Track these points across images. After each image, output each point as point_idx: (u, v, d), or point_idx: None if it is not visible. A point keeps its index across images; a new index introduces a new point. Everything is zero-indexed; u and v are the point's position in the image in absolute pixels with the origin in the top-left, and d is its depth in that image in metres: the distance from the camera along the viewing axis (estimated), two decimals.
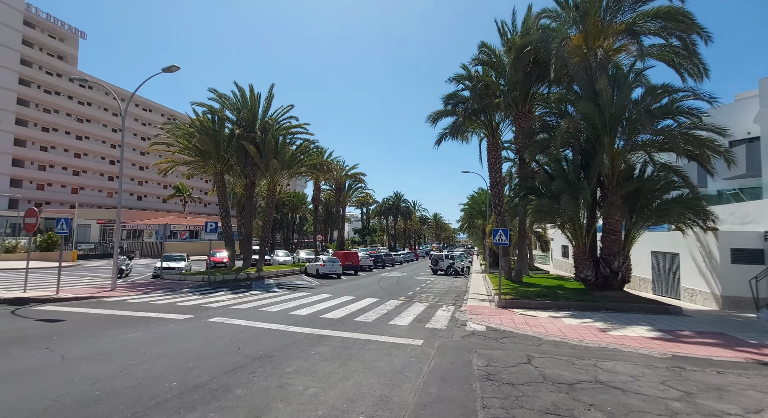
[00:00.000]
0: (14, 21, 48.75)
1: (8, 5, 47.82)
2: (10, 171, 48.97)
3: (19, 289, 12.52)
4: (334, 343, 6.98)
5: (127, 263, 20.67)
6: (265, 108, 22.30)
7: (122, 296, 12.26)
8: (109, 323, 8.23)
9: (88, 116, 59.78)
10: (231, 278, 18.15)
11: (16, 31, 49.04)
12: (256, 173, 22.14)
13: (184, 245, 40.40)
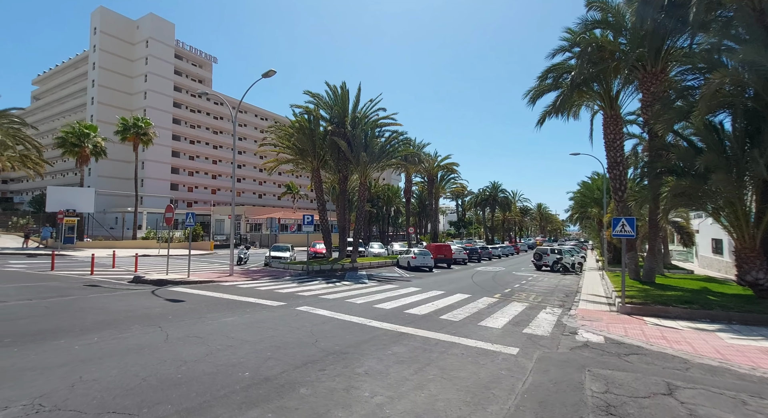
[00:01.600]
0: (168, 56, 60.56)
1: (165, 44, 59.66)
2: (169, 177, 61.29)
3: (163, 272, 15.16)
4: (413, 343, 6.36)
5: (245, 252, 23.59)
6: (355, 103, 22.81)
7: (235, 282, 13.80)
8: (216, 305, 9.14)
9: (220, 128, 71.00)
10: (327, 268, 19.11)
11: (170, 64, 60.83)
12: (348, 167, 22.87)
13: (293, 236, 44.81)
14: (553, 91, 17.44)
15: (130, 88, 59.68)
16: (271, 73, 15.35)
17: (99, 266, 16.42)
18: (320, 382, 4.45)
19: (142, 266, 17.81)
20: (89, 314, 7.63)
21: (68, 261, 19.40)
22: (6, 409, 3.43)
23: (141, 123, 33.39)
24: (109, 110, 55.54)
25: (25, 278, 12.70)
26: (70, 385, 4.02)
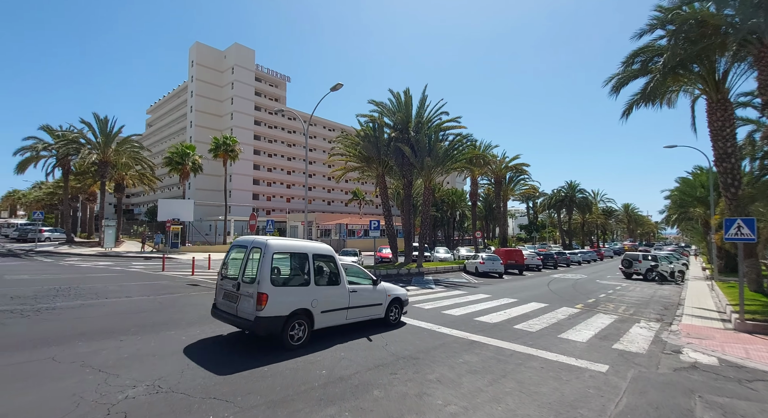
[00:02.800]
0: (250, 80, 67.41)
1: (247, 69, 66.64)
2: (251, 188, 67.74)
3: None
4: (486, 352, 6.12)
5: None
6: (418, 109, 22.92)
7: None
8: None
9: (293, 141, 76.65)
10: (393, 272, 19.35)
11: (251, 86, 67.65)
12: (413, 172, 22.99)
13: (359, 241, 46.24)
14: (641, 77, 15.58)
15: (219, 110, 67.56)
16: (338, 86, 16.17)
17: (198, 267, 18.73)
18: (392, 386, 4.52)
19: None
20: (192, 310, 8.75)
21: (174, 263, 22.47)
22: (135, 387, 4.09)
23: (229, 141, 37.56)
24: (203, 131, 63.46)
25: (143, 277, 15.02)
26: (179, 371, 4.66)
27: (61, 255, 25.88)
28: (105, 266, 19.50)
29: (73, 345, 5.50)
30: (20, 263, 19.08)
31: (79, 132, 33.52)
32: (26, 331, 6.24)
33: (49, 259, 22.46)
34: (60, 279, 13.18)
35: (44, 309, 7.97)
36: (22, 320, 6.99)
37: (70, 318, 7.32)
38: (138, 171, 39.04)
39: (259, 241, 6.20)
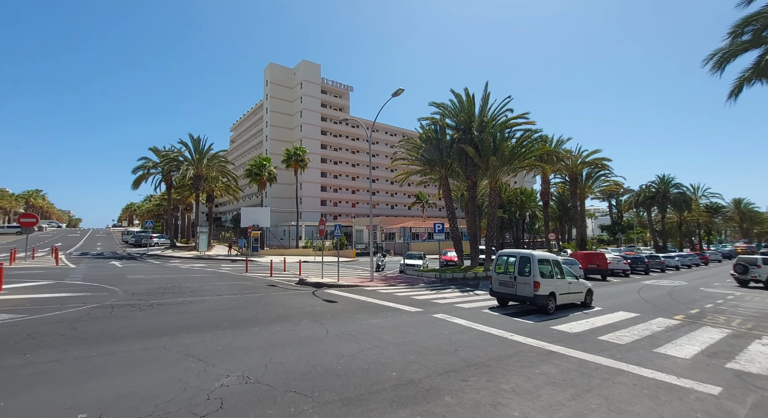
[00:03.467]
0: (316, 92, 71.68)
1: (313, 83, 71.04)
2: (319, 195, 71.62)
3: (318, 276, 17.70)
4: (566, 364, 5.66)
5: (382, 259, 25.48)
6: (481, 107, 22.19)
7: (376, 287, 15.02)
8: (362, 308, 10.13)
9: (357, 148, 79.40)
10: (459, 276, 18.88)
11: (317, 98, 71.86)
12: (477, 173, 22.28)
13: (423, 244, 45.99)
14: (753, 50, 13.23)
15: (290, 123, 72.80)
16: (399, 92, 16.38)
17: (275, 269, 20.31)
18: (464, 392, 4.41)
19: (303, 270, 21.18)
20: (272, 309, 9.52)
21: (255, 265, 24.68)
22: (228, 377, 4.59)
23: (299, 152, 40.28)
24: (277, 144, 68.85)
25: (231, 278, 16.75)
26: (264, 364, 5.10)
27: (166, 258, 29.91)
28: (200, 267, 22.11)
29: (179, 336, 6.34)
30: (137, 265, 22.50)
31: (178, 151, 38.64)
32: (144, 323, 7.36)
33: (157, 261, 26.14)
34: (166, 279, 15.29)
35: (155, 304, 9.33)
36: (140, 313, 8.27)
37: (175, 313, 8.45)
38: (224, 183, 43.69)
39: (526, 253, 10.53)
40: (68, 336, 6.15)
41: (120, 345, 5.73)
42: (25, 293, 10.36)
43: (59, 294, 10.34)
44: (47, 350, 5.36)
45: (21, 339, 5.84)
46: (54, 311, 8.04)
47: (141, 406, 3.67)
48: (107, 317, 7.69)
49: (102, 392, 3.97)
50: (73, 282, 13.07)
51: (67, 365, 4.76)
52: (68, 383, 4.19)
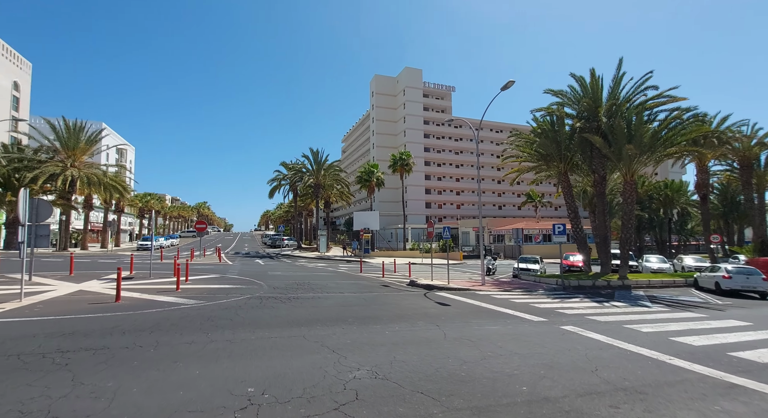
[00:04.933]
0: (418, 97, 73.05)
1: (416, 88, 72.63)
2: (423, 197, 72.45)
3: (428, 279, 17.82)
4: (760, 404, 4.40)
5: (493, 263, 24.24)
6: (611, 89, 19.25)
7: (489, 291, 14.35)
8: (478, 313, 9.78)
9: (460, 149, 77.86)
10: (587, 284, 16.63)
11: (419, 103, 73.14)
12: (606, 166, 19.38)
13: (538, 247, 42.11)
14: None
15: (394, 130, 75.70)
16: (510, 84, 15.41)
17: (386, 270, 21.28)
18: None
19: (412, 271, 21.65)
20: (389, 308, 9.96)
21: (368, 266, 26.30)
22: (359, 370, 4.94)
23: (404, 156, 41.55)
24: (383, 151, 72.35)
25: (349, 277, 18.20)
26: (389, 362, 5.34)
27: (295, 258, 34.20)
28: (322, 267, 24.63)
29: (314, 328, 7.14)
30: (274, 263, 26.32)
31: (302, 164, 44.01)
32: (286, 313, 8.53)
33: (288, 260, 30.11)
34: (297, 276, 17.48)
35: (293, 298, 10.73)
36: (282, 305, 9.62)
37: (309, 306, 9.57)
38: (338, 190, 47.89)
39: None
40: (234, 320, 7.54)
41: (271, 331, 6.74)
42: (202, 283, 13.14)
43: (224, 285, 12.81)
44: (222, 331, 6.66)
45: (204, 321, 7.39)
46: (222, 299, 9.97)
47: (293, 387, 4.22)
48: (259, 307, 9.16)
49: (264, 370, 4.72)
50: (232, 276, 16.02)
51: (237, 345, 5.82)
52: (239, 360, 5.11)
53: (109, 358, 4.92)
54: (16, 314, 7.39)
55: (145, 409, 3.52)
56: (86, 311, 7.91)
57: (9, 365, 4.51)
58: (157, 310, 8.22)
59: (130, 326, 6.65)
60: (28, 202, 9.60)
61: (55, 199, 32.34)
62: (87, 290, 10.64)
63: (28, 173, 30.24)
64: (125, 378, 4.25)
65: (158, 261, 22.71)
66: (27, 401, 3.56)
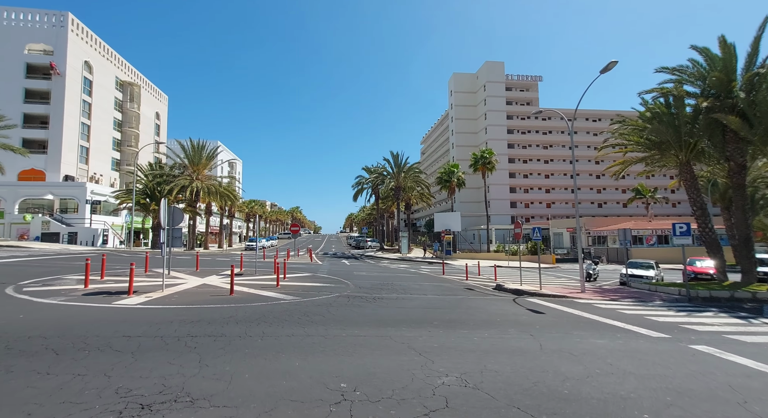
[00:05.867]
0: (500, 91, 69.38)
1: (497, 83, 69.16)
2: (508, 196, 68.36)
3: (518, 282, 16.67)
4: None
5: (593, 267, 21.63)
6: (749, 56, 15.67)
7: (590, 300, 12.80)
8: (578, 323, 8.78)
9: (550, 142, 71.67)
10: (723, 295, 13.69)
11: (502, 97, 69.40)
12: (745, 151, 15.80)
13: (652, 251, 36.30)
14: None
15: (474, 128, 73.14)
16: (612, 65, 13.63)
17: (469, 273, 20.55)
18: None
19: (498, 275, 20.52)
20: (475, 312, 9.57)
21: (450, 268, 25.77)
22: (447, 376, 4.81)
23: (486, 154, 39.80)
24: (463, 150, 70.46)
25: (431, 279, 18.06)
26: (479, 370, 5.09)
27: (378, 259, 35.24)
28: (404, 268, 24.91)
29: (400, 329, 7.21)
30: (358, 264, 27.50)
31: (383, 167, 45.28)
32: (372, 313, 8.80)
33: (371, 261, 31.17)
34: (381, 276, 17.95)
35: (378, 298, 11.04)
36: (368, 304, 9.96)
37: (393, 307, 9.73)
38: (418, 191, 48.04)
39: None
40: (326, 317, 8.04)
41: (360, 330, 7.01)
42: (297, 281, 14.36)
43: (316, 284, 13.80)
44: (316, 326, 7.15)
45: (301, 316, 8.04)
46: (314, 297, 10.74)
47: (383, 387, 4.29)
48: (347, 305, 9.63)
49: (355, 367, 4.91)
50: (322, 275, 17.19)
51: (330, 340, 6.18)
52: (333, 355, 5.41)
53: (226, 344, 5.65)
54: (159, 302, 9.00)
55: (256, 393, 3.94)
56: (208, 301, 9.25)
57: (156, 345, 5.49)
58: (262, 304, 9.21)
59: (241, 317, 7.56)
60: (166, 209, 11.66)
61: (184, 206, 38.83)
62: (209, 283, 12.46)
63: (166, 186, 36.92)
64: (239, 364, 4.83)
65: (261, 260, 25.57)
66: (168, 377, 4.27)
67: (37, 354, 4.83)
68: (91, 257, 13.18)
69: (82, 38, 49.52)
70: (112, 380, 4.10)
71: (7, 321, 6.50)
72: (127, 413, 3.36)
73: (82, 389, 3.81)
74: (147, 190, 39.25)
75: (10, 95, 44.90)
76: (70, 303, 8.32)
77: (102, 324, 6.55)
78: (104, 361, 4.68)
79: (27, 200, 42.68)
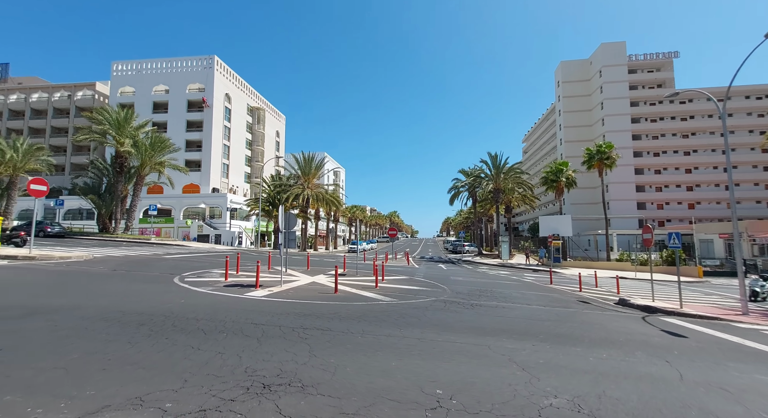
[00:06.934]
0: (621, 76, 60.44)
1: (617, 66, 60.51)
2: (634, 196, 58.59)
3: (648, 298, 14.09)
4: None
5: (762, 284, 16.93)
6: None
7: (756, 325, 10.04)
8: (735, 352, 6.99)
9: (692, 130, 59.31)
10: None
11: (623, 82, 60.37)
12: None
13: None
14: None
15: (588, 120, 64.98)
16: None
17: (584, 284, 18.21)
18: None
19: (622, 288, 17.71)
20: (590, 328, 8.43)
21: (559, 277, 23.24)
22: (556, 397, 4.34)
23: (603, 149, 34.90)
24: (573, 146, 63.25)
25: (536, 288, 16.59)
26: (596, 395, 4.46)
27: (476, 264, 33.97)
28: (505, 275, 23.45)
29: (501, 339, 6.81)
30: (455, 268, 26.95)
31: (480, 169, 43.66)
32: (470, 320, 8.52)
33: (469, 266, 30.17)
34: (479, 282, 17.25)
35: (475, 305, 10.63)
36: (465, 310, 9.67)
37: (493, 315, 9.24)
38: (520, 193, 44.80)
39: None
40: (421, 320, 8.09)
41: (456, 336, 6.85)
42: (394, 283, 14.81)
43: (412, 287, 14.01)
44: (412, 328, 7.26)
45: (398, 317, 8.26)
46: (411, 299, 10.91)
47: (481, 399, 4.11)
48: (443, 310, 9.52)
49: (451, 374, 4.82)
50: (419, 279, 17.36)
51: (425, 344, 6.20)
52: (428, 359, 5.42)
53: (331, 338, 6.16)
54: (278, 295, 10.31)
55: (357, 387, 4.19)
56: (317, 298, 10.22)
57: (275, 333, 6.30)
58: (362, 303, 9.77)
59: (344, 314, 8.15)
60: (283, 215, 13.35)
61: (297, 212, 43.86)
62: (317, 282, 13.77)
63: (283, 194, 42.34)
64: (342, 357, 5.21)
65: (361, 261, 27.13)
66: (284, 362, 4.86)
67: (192, 332, 6.03)
68: (229, 255, 15.89)
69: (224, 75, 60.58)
70: (243, 360, 4.86)
71: (175, 304, 8.27)
72: (252, 391, 3.93)
73: (221, 366, 4.62)
74: (270, 198, 45.60)
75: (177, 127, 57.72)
76: (215, 292, 10.16)
77: (237, 312, 7.81)
78: (237, 343, 5.57)
79: (188, 209, 53.90)
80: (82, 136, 34.46)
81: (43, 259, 15.12)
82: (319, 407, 3.64)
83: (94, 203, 36.42)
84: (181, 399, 3.63)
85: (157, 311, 7.40)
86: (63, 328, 5.82)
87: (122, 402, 3.49)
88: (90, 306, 7.49)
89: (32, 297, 8.19)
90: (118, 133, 33.72)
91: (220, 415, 3.36)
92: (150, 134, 37.31)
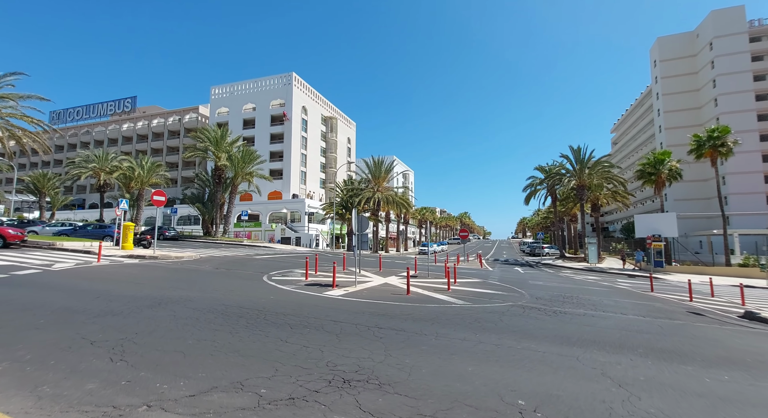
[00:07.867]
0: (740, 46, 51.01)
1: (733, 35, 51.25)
2: (762, 189, 48.64)
3: None
4: None
5: None
6: None
7: None
8: None
9: None
10: None
11: (743, 53, 50.87)
12: None
13: None
14: None
15: (695, 102, 55.97)
16: None
17: (695, 292, 15.62)
18: None
19: (748, 298, 14.81)
20: (704, 344, 7.22)
21: (662, 284, 20.26)
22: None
23: (717, 133, 29.64)
24: (675, 133, 54.99)
25: (632, 296, 14.71)
26: None
27: (558, 267, 31.38)
28: (593, 280, 21.24)
29: (590, 351, 6.20)
30: (534, 272, 25.22)
31: (560, 165, 40.28)
32: (553, 327, 7.91)
33: (550, 270, 27.98)
34: (563, 288, 15.90)
35: (559, 312, 9.83)
36: (547, 317, 9.00)
37: (580, 324, 8.45)
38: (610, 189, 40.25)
39: None
40: (498, 325, 7.75)
41: (537, 344, 6.42)
42: (467, 286, 14.41)
43: (486, 290, 13.48)
44: (488, 333, 7.00)
45: (472, 321, 8.04)
46: (486, 303, 10.51)
47: (570, 414, 3.80)
48: (521, 316, 8.99)
49: (533, 385, 4.54)
50: (493, 282, 16.63)
51: (503, 350, 5.93)
52: (507, 366, 5.18)
53: (406, 339, 6.25)
54: (353, 295, 10.78)
55: (433, 389, 4.20)
56: (390, 299, 10.44)
57: (353, 331, 6.61)
58: (434, 305, 9.71)
59: (417, 316, 8.19)
60: (356, 218, 13.93)
61: (369, 215, 45.28)
62: (389, 283, 14.05)
63: (355, 198, 44.10)
64: (417, 358, 5.25)
65: (432, 263, 26.90)
66: (361, 359, 5.07)
67: (281, 326, 6.63)
68: (308, 256, 17.08)
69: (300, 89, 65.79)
70: (324, 354, 5.19)
71: (265, 300, 9.17)
72: (334, 384, 4.19)
73: (306, 358, 5.00)
74: (343, 202, 47.86)
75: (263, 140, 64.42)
76: (297, 290, 11.01)
77: (317, 309, 8.37)
78: (319, 338, 5.98)
79: (272, 213, 59.44)
80: (189, 154, 40.32)
81: (163, 258, 17.96)
82: (396, 406, 3.73)
83: (199, 210, 42.39)
84: (274, 386, 4.03)
85: (252, 305, 8.29)
86: (181, 317, 6.87)
87: (227, 385, 4.01)
88: (200, 298, 8.70)
89: (157, 289, 9.79)
90: (216, 149, 38.70)
91: (306, 404, 3.66)
92: (241, 148, 42.05)
